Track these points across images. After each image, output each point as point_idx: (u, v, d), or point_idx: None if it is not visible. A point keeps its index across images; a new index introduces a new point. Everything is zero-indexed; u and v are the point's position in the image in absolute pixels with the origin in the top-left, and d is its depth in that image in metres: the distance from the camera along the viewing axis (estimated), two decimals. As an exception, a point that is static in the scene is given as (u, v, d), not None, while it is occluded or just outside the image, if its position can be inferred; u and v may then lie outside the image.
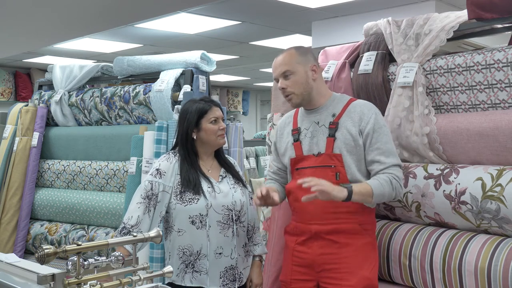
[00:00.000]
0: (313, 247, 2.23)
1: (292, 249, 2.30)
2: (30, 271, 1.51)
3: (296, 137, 2.32)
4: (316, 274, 2.22)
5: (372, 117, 2.21)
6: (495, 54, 2.20)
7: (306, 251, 2.24)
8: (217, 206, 2.30)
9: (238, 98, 12.42)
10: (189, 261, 2.29)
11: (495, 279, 2.01)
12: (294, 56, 2.26)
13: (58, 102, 4.11)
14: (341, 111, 2.25)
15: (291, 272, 2.29)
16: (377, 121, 2.21)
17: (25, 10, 5.54)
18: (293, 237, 2.32)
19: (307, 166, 2.25)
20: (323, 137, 2.24)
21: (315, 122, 2.28)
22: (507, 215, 2.05)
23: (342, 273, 2.17)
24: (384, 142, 2.20)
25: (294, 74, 2.24)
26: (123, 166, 3.65)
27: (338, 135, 2.21)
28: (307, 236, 2.25)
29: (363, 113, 2.22)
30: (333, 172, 2.17)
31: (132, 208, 2.27)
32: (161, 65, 3.66)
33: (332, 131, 2.22)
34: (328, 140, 2.21)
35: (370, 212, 2.26)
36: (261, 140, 7.54)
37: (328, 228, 2.20)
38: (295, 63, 2.25)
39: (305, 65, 2.25)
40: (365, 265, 2.18)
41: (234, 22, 5.95)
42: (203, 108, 2.36)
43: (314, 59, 2.32)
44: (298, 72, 2.24)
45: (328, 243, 2.20)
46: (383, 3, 5.01)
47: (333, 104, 2.29)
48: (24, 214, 4.05)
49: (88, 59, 8.05)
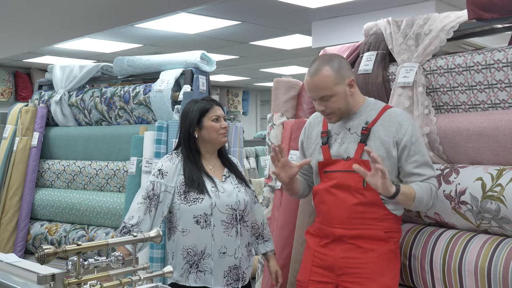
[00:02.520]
0: (335, 250, 2.19)
1: (314, 250, 2.26)
2: (30, 271, 1.52)
3: (325, 140, 2.27)
4: (336, 277, 2.18)
5: (409, 129, 2.15)
6: (495, 54, 2.20)
7: (328, 253, 2.20)
8: (221, 206, 2.30)
9: (238, 98, 12.43)
10: (193, 261, 2.28)
11: (495, 279, 2.01)
12: (331, 78, 2.13)
13: (58, 102, 4.11)
14: (374, 119, 2.19)
15: (310, 272, 2.25)
16: (414, 133, 2.15)
17: (25, 10, 5.54)
18: (316, 239, 2.28)
19: (335, 170, 2.20)
20: (354, 143, 2.18)
21: (347, 128, 2.22)
22: (507, 215, 2.05)
23: (363, 278, 2.12)
24: (422, 154, 2.15)
25: (333, 96, 2.15)
26: (123, 166, 3.65)
27: (369, 143, 2.15)
28: (330, 239, 2.21)
29: (400, 124, 2.15)
30: (360, 178, 2.11)
31: (133, 208, 2.27)
32: (161, 65, 3.66)
33: (364, 137, 2.16)
34: (359, 146, 2.16)
35: (397, 220, 2.21)
36: (261, 140, 7.55)
37: (352, 233, 2.15)
38: (333, 85, 2.13)
39: (343, 83, 2.15)
40: (386, 273, 2.14)
41: (234, 22, 5.95)
42: (205, 107, 2.37)
43: (349, 70, 2.20)
44: (337, 93, 2.15)
45: (351, 247, 2.16)
46: (383, 3, 5.02)
47: (366, 110, 2.22)
48: (24, 214, 4.05)
49: (88, 59, 8.05)
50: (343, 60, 2.22)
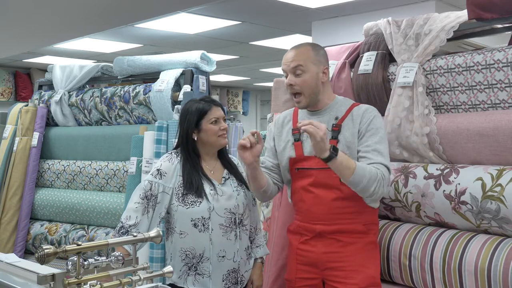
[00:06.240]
0: (317, 245, 2.22)
1: (296, 248, 2.29)
2: (30, 271, 1.52)
3: (297, 136, 2.29)
4: (320, 272, 2.22)
5: (370, 118, 2.19)
6: (495, 54, 2.20)
7: (310, 250, 2.24)
8: (220, 209, 2.27)
9: (238, 98, 12.42)
10: (191, 264, 2.27)
11: (495, 279, 2.01)
12: (309, 53, 2.20)
13: (58, 102, 4.11)
14: (344, 115, 2.22)
15: (296, 271, 2.29)
16: (374, 123, 2.19)
17: (25, 10, 5.54)
18: (296, 236, 2.31)
19: (308, 167, 2.24)
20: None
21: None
22: (507, 215, 2.05)
23: (347, 271, 2.17)
24: (375, 142, 2.16)
25: (305, 72, 2.19)
26: (123, 166, 3.65)
27: (341, 138, 2.19)
28: (311, 236, 2.24)
29: (363, 115, 2.20)
30: (336, 174, 2.13)
31: (130, 207, 2.25)
32: (161, 65, 3.66)
33: (335, 134, 2.19)
34: (330, 142, 2.17)
35: (374, 212, 2.26)
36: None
37: (332, 228, 2.19)
38: (309, 61, 2.19)
39: (318, 66, 2.21)
40: (369, 264, 2.19)
41: (234, 22, 5.94)
42: (203, 109, 2.33)
43: (327, 61, 2.27)
44: (310, 71, 2.19)
45: (332, 242, 2.20)
46: (383, 3, 5.01)
47: (336, 106, 2.26)
48: (24, 214, 4.05)
49: (88, 59, 8.05)
50: (324, 50, 2.29)
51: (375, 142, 2.16)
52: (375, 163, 2.12)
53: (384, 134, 2.23)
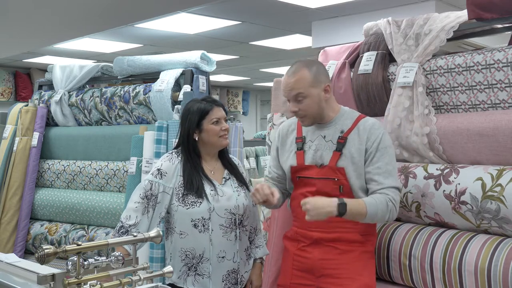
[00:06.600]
0: (314, 252, 2.23)
1: (293, 254, 2.30)
2: (30, 271, 1.52)
3: (300, 145, 2.29)
4: (316, 279, 2.22)
5: (379, 137, 2.17)
6: (495, 54, 2.20)
7: (307, 256, 2.24)
8: (220, 210, 2.27)
9: (238, 98, 12.43)
10: (191, 264, 2.26)
11: (495, 279, 2.01)
12: (307, 77, 2.16)
13: (58, 102, 4.11)
14: (350, 128, 2.21)
15: (291, 276, 2.29)
16: (383, 141, 2.17)
17: (25, 10, 5.54)
18: (294, 242, 2.31)
19: (309, 176, 2.23)
20: (329, 151, 2.20)
21: (322, 136, 2.24)
22: (507, 215, 2.05)
23: (342, 278, 2.17)
24: (385, 162, 2.15)
25: (307, 97, 2.17)
26: (123, 166, 3.65)
27: (345, 152, 2.18)
28: (308, 242, 2.25)
29: (371, 132, 2.18)
30: (336, 185, 2.15)
31: (130, 207, 2.24)
32: (161, 65, 3.66)
33: (340, 146, 2.18)
34: (334, 154, 2.18)
35: (372, 224, 2.25)
36: (261, 140, 7.54)
37: (330, 236, 2.20)
38: (308, 86, 2.16)
39: (318, 87, 2.18)
40: (365, 272, 2.19)
41: (234, 22, 5.95)
42: (205, 109, 2.32)
43: (326, 77, 2.24)
44: (311, 95, 2.17)
45: (329, 250, 2.20)
46: (383, 3, 5.01)
47: (341, 119, 2.24)
48: (24, 214, 4.05)
49: (88, 59, 8.05)
50: (321, 66, 2.27)
51: (386, 163, 2.15)
52: (386, 187, 2.13)
53: (393, 151, 2.23)
